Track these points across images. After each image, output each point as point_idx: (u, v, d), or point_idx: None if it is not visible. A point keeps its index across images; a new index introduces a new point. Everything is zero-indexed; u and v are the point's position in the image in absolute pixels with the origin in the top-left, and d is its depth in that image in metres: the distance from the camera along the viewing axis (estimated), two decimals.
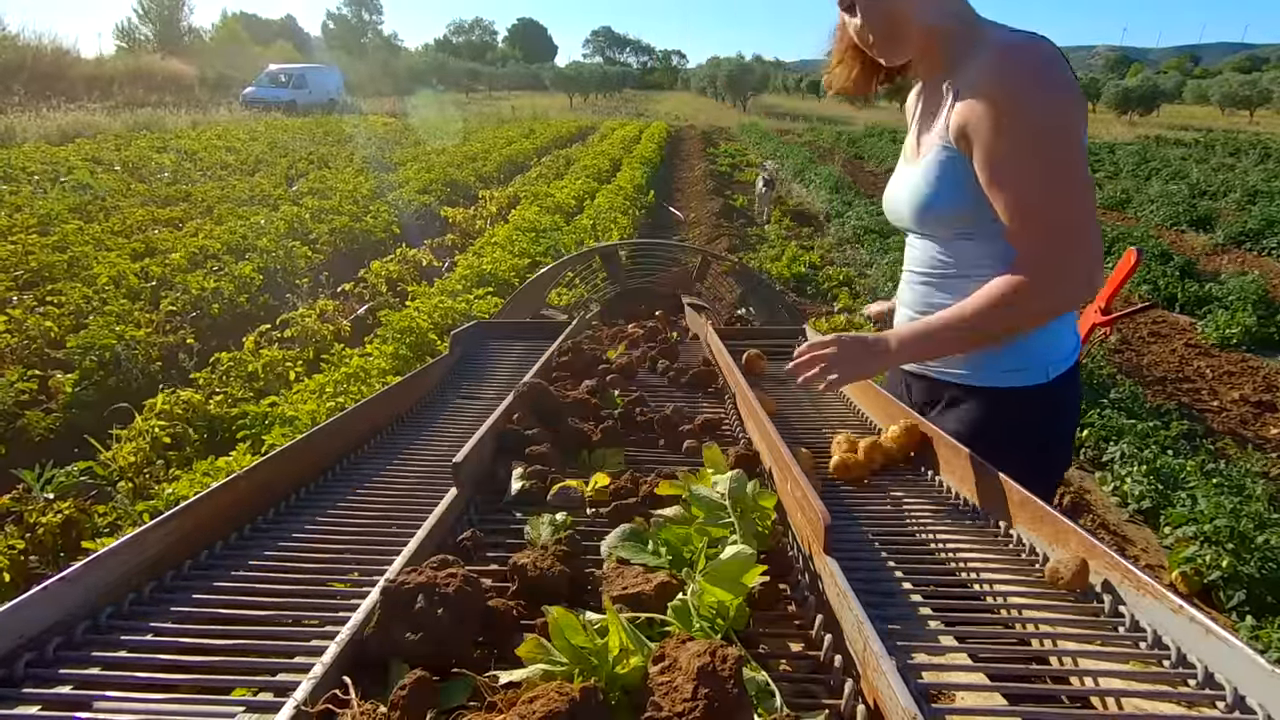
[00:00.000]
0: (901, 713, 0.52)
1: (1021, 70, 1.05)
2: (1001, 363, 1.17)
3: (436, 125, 19.86)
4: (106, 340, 3.70)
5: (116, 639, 0.69)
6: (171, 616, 0.73)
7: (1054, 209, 1.04)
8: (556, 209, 7.96)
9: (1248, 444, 3.62)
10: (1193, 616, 0.65)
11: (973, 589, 0.82)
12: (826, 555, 0.74)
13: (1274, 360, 4.79)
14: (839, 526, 0.85)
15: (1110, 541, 2.86)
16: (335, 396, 3.13)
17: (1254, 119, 31.63)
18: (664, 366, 1.66)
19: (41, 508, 2.48)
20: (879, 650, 0.59)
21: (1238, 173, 12.35)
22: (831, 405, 1.51)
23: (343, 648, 0.61)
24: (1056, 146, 1.04)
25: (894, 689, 0.54)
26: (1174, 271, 6.12)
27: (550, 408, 1.23)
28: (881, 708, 0.57)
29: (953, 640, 0.69)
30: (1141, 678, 0.65)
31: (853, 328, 4.80)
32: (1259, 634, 2.20)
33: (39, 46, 26.75)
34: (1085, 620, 0.73)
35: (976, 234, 1.15)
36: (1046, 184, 1.04)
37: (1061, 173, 1.04)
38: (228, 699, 0.61)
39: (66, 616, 0.69)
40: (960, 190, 1.12)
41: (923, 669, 0.64)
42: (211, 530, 0.88)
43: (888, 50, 1.16)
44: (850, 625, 0.65)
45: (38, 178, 8.92)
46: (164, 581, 0.79)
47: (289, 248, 5.82)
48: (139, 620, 0.73)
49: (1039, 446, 1.19)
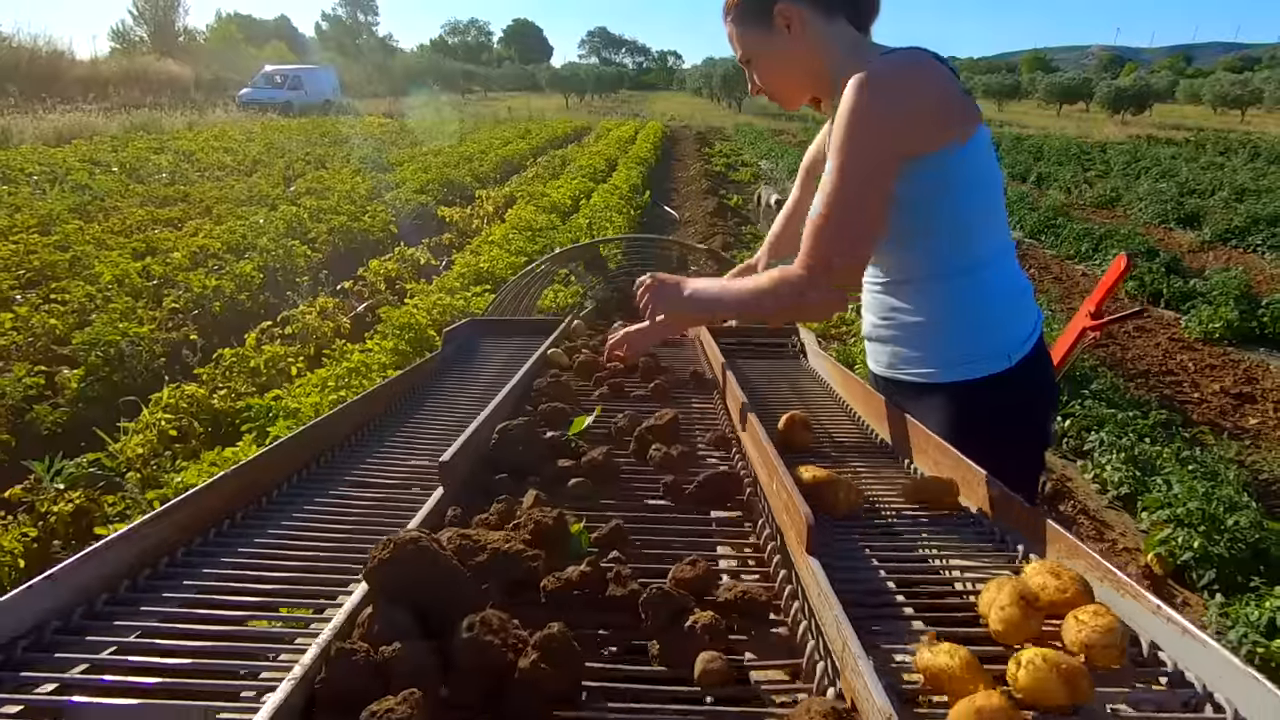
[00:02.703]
0: (877, 713, 0.52)
1: (848, 94, 1.08)
2: (960, 356, 1.21)
3: (432, 126, 19.92)
4: (111, 337, 3.78)
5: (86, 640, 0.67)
6: (151, 617, 0.72)
7: (828, 222, 1.09)
8: (553, 208, 8.04)
9: (1226, 435, 3.72)
10: (1170, 617, 0.66)
11: (955, 588, 0.81)
12: (809, 555, 0.74)
13: (1254, 354, 4.90)
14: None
15: (1090, 527, 2.96)
16: (337, 390, 3.22)
17: (1245, 118, 31.85)
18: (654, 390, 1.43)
19: (53, 497, 2.56)
20: (857, 650, 0.58)
21: (1227, 171, 12.49)
22: (825, 407, 1.47)
23: (323, 649, 0.60)
24: (851, 160, 1.07)
25: (870, 689, 0.54)
26: (1160, 268, 6.22)
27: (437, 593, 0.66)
28: (859, 707, 0.56)
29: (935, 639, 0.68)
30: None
31: (843, 325, 4.90)
32: (1228, 610, 2.29)
33: (34, 48, 26.76)
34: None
35: (905, 243, 1.20)
36: (829, 197, 1.09)
37: (846, 190, 1.08)
38: (207, 703, 0.60)
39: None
40: None
41: (905, 670, 0.63)
42: (189, 530, 0.86)
43: (783, 100, 1.27)
44: (830, 625, 0.65)
45: (36, 178, 8.97)
46: (137, 582, 0.78)
47: (288, 247, 5.89)
48: (115, 620, 0.71)
49: (1016, 431, 1.22)
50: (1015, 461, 1.12)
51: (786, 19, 1.18)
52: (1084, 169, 13.22)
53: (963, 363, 1.21)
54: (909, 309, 1.24)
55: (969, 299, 1.20)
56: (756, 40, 1.22)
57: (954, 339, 1.21)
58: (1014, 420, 1.22)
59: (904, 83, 1.10)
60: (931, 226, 1.16)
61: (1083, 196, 10.91)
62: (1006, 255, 1.23)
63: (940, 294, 1.20)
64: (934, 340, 1.23)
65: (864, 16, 1.23)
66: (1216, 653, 0.61)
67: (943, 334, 1.22)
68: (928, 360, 1.24)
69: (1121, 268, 3.21)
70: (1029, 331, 1.23)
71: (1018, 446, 1.22)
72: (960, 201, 1.15)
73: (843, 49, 1.19)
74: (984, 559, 0.86)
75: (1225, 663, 0.60)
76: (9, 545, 2.28)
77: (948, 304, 1.21)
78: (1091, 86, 33.30)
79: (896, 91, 1.09)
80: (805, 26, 1.18)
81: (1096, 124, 26.71)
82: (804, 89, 1.26)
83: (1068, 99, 35.12)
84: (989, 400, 1.20)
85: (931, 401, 1.23)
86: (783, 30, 1.19)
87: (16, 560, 2.29)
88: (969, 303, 1.20)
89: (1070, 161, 14.01)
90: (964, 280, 1.19)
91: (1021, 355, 1.20)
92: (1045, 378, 1.28)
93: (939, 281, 1.20)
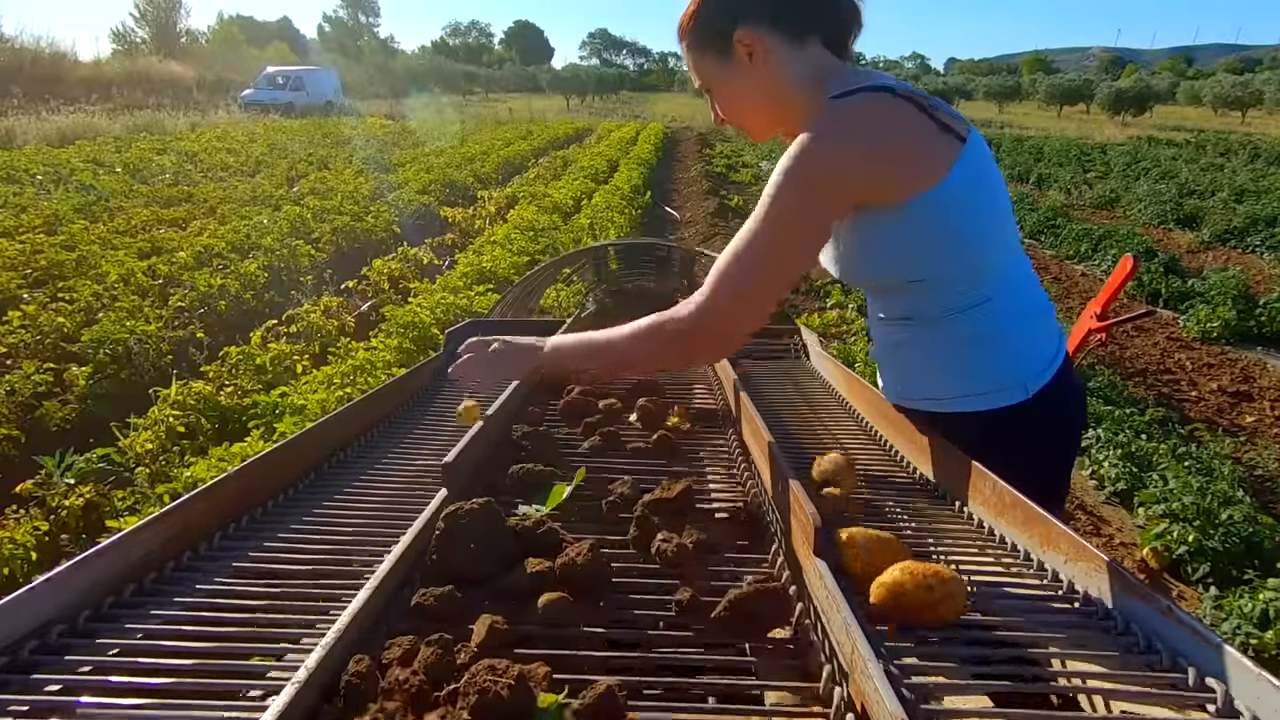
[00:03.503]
0: (889, 716, 0.52)
1: (793, 145, 1.00)
2: (976, 387, 1.13)
3: (434, 127, 19.97)
4: (119, 335, 3.82)
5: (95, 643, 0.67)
6: (154, 620, 0.72)
7: (735, 264, 0.99)
8: (554, 209, 8.08)
9: (1222, 431, 3.75)
10: (1181, 620, 0.65)
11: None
12: (817, 558, 0.73)
13: (1252, 352, 4.94)
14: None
15: (1087, 522, 2.99)
16: (343, 387, 3.26)
17: (1246, 120, 31.88)
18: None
19: (63, 492, 2.59)
20: (866, 653, 0.58)
21: (1226, 173, 12.51)
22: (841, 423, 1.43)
23: (328, 649, 0.60)
24: (780, 215, 0.97)
25: (880, 693, 0.53)
26: (1159, 268, 6.26)
27: None
28: (869, 711, 0.56)
29: (939, 646, 0.68)
30: (1130, 679, 0.63)
31: (844, 323, 4.93)
32: (1222, 603, 2.33)
33: (37, 49, 26.86)
34: (1076, 623, 0.72)
35: (904, 287, 1.12)
36: (748, 245, 0.99)
37: (764, 236, 0.98)
38: (213, 702, 0.60)
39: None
40: (830, 252, 1.15)
41: (914, 671, 0.63)
42: (196, 533, 0.86)
43: (750, 132, 1.16)
44: (838, 628, 0.64)
45: (40, 179, 9.02)
46: (143, 585, 0.78)
47: (292, 246, 5.94)
48: (120, 623, 0.71)
49: (1034, 463, 1.12)
50: (1034, 492, 1.03)
51: (748, 47, 1.05)
52: (1084, 170, 13.26)
53: (975, 395, 1.13)
54: (915, 346, 1.17)
55: (977, 332, 1.10)
56: (715, 69, 1.10)
57: (965, 374, 1.13)
58: (1031, 453, 1.13)
59: (849, 140, 0.98)
60: (923, 270, 1.07)
61: (1083, 197, 10.94)
62: (1019, 280, 1.13)
63: (946, 330, 1.12)
64: (945, 373, 1.15)
65: (842, 35, 1.10)
66: (1232, 656, 0.61)
67: (953, 369, 1.14)
68: (938, 393, 1.17)
69: (1128, 269, 3.20)
70: (1049, 358, 1.13)
71: (1032, 476, 1.13)
72: (949, 242, 1.04)
73: (812, 79, 1.06)
74: (986, 557, 0.87)
75: (1241, 666, 0.60)
76: (21, 539, 2.32)
77: (955, 340, 1.12)
78: (1092, 88, 33.36)
79: (839, 151, 0.98)
80: (769, 55, 1.05)
81: (1097, 125, 26.75)
82: (773, 121, 1.13)
83: (1068, 100, 35.17)
84: (1004, 432, 1.12)
85: (943, 431, 1.15)
86: (744, 59, 1.06)
87: (29, 554, 2.33)
88: (977, 336, 1.11)
89: (1070, 162, 14.04)
90: (971, 314, 1.09)
91: (1039, 386, 1.11)
92: (1067, 407, 1.16)
93: (943, 318, 1.11)
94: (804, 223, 0.98)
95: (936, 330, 1.12)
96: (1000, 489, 0.92)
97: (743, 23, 1.04)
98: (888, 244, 1.06)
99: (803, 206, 0.98)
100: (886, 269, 1.09)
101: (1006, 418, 1.11)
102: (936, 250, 1.05)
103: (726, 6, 1.06)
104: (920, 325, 1.14)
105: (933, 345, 1.14)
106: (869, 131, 0.99)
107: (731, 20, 1.05)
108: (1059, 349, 1.15)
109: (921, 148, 1.00)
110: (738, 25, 1.05)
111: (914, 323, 1.14)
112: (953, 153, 1.00)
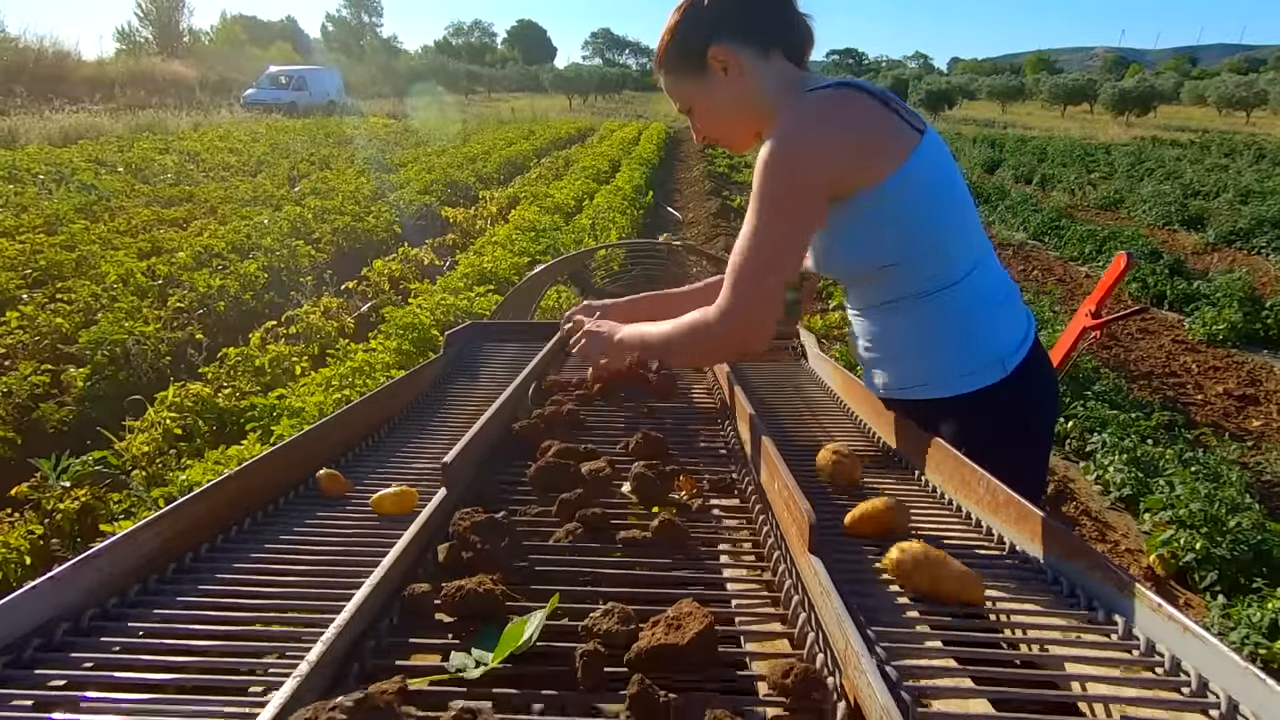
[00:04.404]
0: (880, 710, 0.52)
1: (766, 143, 1.09)
2: (954, 371, 1.19)
3: (436, 127, 19.96)
4: (117, 336, 3.80)
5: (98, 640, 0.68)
6: (156, 619, 0.72)
7: (744, 263, 1.11)
8: (556, 209, 8.06)
9: (1229, 436, 3.71)
10: (1170, 615, 0.66)
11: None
12: (811, 554, 0.74)
13: (1258, 355, 4.90)
14: (823, 527, 0.78)
15: (1092, 528, 2.96)
16: (341, 389, 3.23)
17: (1250, 120, 31.78)
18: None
19: (59, 495, 2.57)
20: (859, 648, 0.58)
21: (1231, 173, 12.45)
22: (834, 419, 1.44)
23: (329, 645, 0.61)
24: (770, 207, 1.08)
25: (874, 687, 0.53)
26: (1163, 270, 6.22)
27: None
28: (862, 706, 0.56)
29: (939, 644, 0.68)
30: (1132, 683, 0.63)
31: (846, 324, 4.90)
32: (1229, 612, 2.29)
33: (40, 49, 26.88)
34: (1075, 625, 0.72)
35: (874, 273, 1.19)
36: (749, 243, 1.10)
37: (762, 229, 1.09)
38: (213, 698, 0.60)
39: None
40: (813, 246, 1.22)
41: (911, 671, 0.63)
42: (192, 536, 0.86)
43: (731, 145, 1.25)
44: (831, 622, 0.64)
45: (42, 178, 9.02)
46: (148, 585, 0.78)
47: (293, 247, 5.92)
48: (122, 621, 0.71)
49: (1020, 439, 1.20)
50: (1021, 468, 1.11)
51: (722, 62, 1.15)
52: (1088, 171, 13.20)
53: (958, 377, 1.19)
54: (894, 331, 1.23)
55: (952, 313, 1.17)
56: (694, 88, 1.20)
57: (945, 355, 1.19)
58: (1016, 428, 1.20)
59: (820, 127, 1.09)
60: (895, 254, 1.15)
61: (1087, 198, 10.90)
62: (984, 262, 1.20)
63: (923, 312, 1.18)
64: (925, 359, 1.21)
65: (800, 48, 1.20)
66: (1215, 648, 0.61)
67: (933, 352, 1.20)
68: (922, 379, 1.22)
69: (1121, 266, 3.20)
70: (1021, 336, 1.21)
71: (1022, 453, 1.21)
72: (915, 224, 1.12)
73: (781, 87, 1.17)
74: (978, 555, 0.87)
75: (1223, 656, 0.60)
76: (15, 543, 2.30)
77: (932, 321, 1.18)
78: (1096, 88, 33.24)
79: (813, 137, 1.08)
80: (742, 68, 1.15)
81: (1101, 125, 26.67)
82: (750, 129, 1.23)
83: (1072, 100, 35.05)
84: (990, 411, 1.18)
85: (933, 418, 1.21)
86: (719, 74, 1.16)
87: (23, 557, 2.31)
88: (953, 316, 1.17)
89: (1074, 163, 13.99)
90: (944, 295, 1.16)
91: (1017, 362, 1.18)
92: (1044, 381, 1.25)
93: (918, 300, 1.17)
94: (797, 205, 1.08)
95: (913, 313, 1.19)
96: (994, 487, 0.94)
97: (716, 40, 1.15)
98: (860, 230, 1.14)
99: (792, 190, 1.08)
100: (861, 255, 1.17)
101: (989, 397, 1.17)
102: (905, 232, 1.13)
103: (700, 27, 1.16)
104: (897, 310, 1.20)
105: (911, 328, 1.21)
106: (838, 118, 1.10)
107: (705, 38, 1.16)
108: (1029, 327, 1.23)
109: (886, 133, 1.10)
110: (711, 42, 1.15)
111: (891, 306, 1.21)
112: (913, 141, 1.10)
